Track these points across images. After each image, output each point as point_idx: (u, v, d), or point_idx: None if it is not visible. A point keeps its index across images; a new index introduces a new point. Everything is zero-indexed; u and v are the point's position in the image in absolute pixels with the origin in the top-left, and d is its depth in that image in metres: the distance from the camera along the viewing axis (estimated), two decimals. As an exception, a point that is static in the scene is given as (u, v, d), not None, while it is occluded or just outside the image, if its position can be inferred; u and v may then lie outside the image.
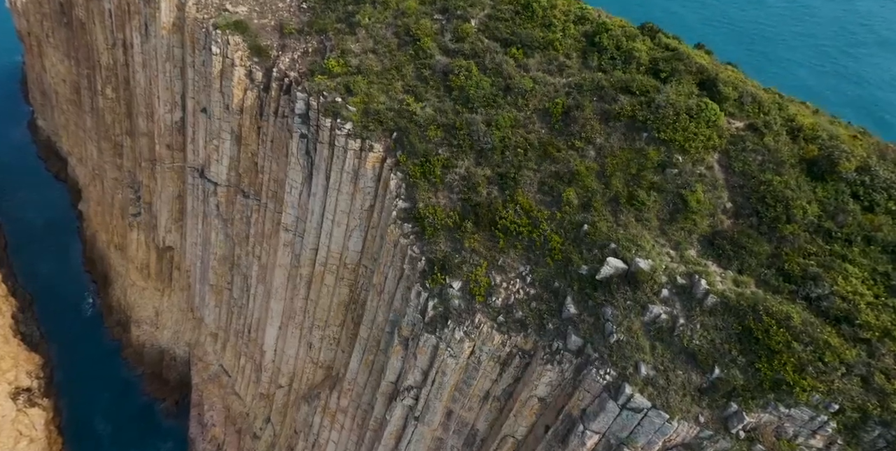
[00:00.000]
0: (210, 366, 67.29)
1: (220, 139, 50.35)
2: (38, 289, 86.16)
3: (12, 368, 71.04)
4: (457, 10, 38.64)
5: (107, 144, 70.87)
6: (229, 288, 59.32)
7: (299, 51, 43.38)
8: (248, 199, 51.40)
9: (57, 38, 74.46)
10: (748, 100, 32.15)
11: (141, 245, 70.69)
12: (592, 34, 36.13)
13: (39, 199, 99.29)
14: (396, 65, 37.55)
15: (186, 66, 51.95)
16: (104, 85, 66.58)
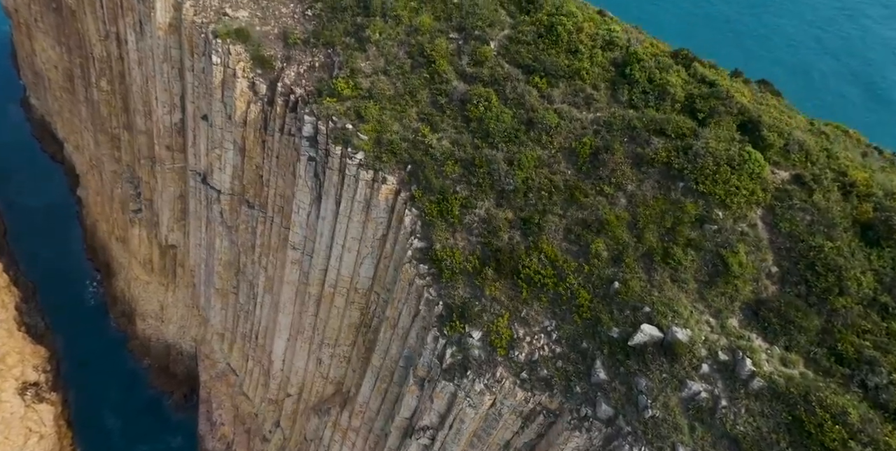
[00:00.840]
0: (217, 364, 66.97)
1: (223, 149, 48.47)
2: (41, 277, 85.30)
3: (18, 363, 70.74)
4: (474, 30, 36.18)
5: (104, 136, 68.72)
6: (235, 293, 58.37)
7: (305, 64, 41.07)
8: (254, 209, 49.88)
9: (46, 23, 71.29)
10: (794, 148, 30.09)
11: (143, 241, 69.39)
12: (622, 63, 33.80)
13: (37, 182, 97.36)
14: (410, 89, 35.43)
15: (185, 69, 49.58)
16: (98, 77, 64.04)
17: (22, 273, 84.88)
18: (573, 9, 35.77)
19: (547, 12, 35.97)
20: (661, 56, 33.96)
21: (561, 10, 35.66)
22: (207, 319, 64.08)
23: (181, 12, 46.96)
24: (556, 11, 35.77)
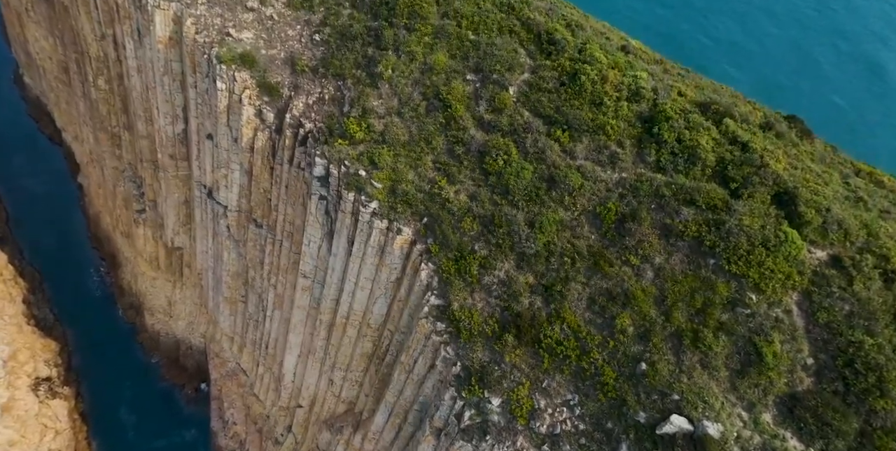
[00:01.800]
0: (227, 363, 67.59)
1: (229, 169, 47.37)
2: (46, 266, 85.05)
3: (30, 359, 71.42)
4: (492, 73, 34.54)
5: (103, 134, 67.17)
6: (244, 302, 58.29)
7: (314, 95, 39.55)
8: (262, 229, 49.18)
9: (38, 13, 68.56)
10: (833, 227, 28.93)
11: (148, 240, 68.85)
12: (649, 118, 32.31)
13: (36, 165, 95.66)
14: (425, 135, 34.17)
15: (187, 86, 47.86)
16: (96, 76, 62.03)
17: (27, 262, 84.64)
18: (596, 52, 34.00)
19: (569, 57, 34.23)
20: (690, 113, 32.26)
21: (584, 55, 33.93)
22: (216, 321, 64.27)
23: (181, 27, 45.04)
24: (579, 56, 34.04)
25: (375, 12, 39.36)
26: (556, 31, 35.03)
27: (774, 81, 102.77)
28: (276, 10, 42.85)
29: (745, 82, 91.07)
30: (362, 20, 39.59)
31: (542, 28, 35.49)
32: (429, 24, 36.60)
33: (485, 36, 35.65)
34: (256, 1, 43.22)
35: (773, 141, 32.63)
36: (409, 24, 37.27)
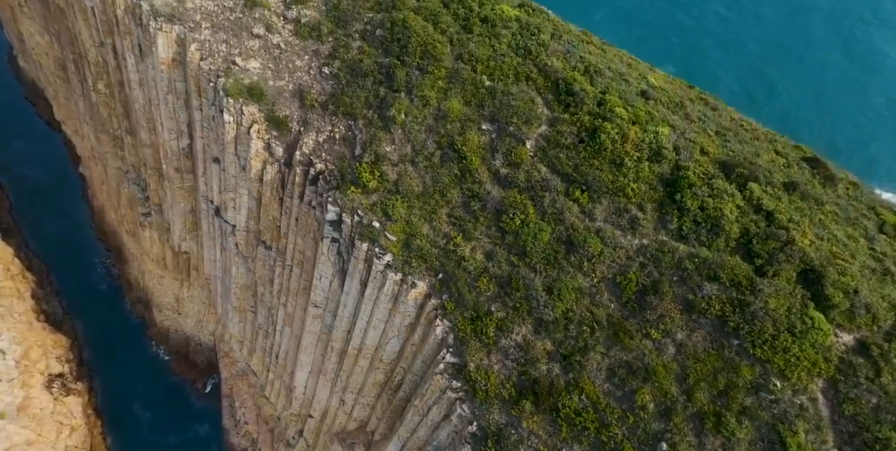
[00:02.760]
0: (237, 363, 68.53)
1: (237, 193, 46.88)
2: (52, 257, 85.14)
3: (42, 357, 72.36)
4: (509, 125, 33.65)
5: (105, 135, 66.06)
6: (253, 312, 58.63)
7: (325, 133, 38.69)
8: (271, 251, 49.01)
9: (32, 9, 66.31)
10: (860, 311, 28.66)
11: (154, 242, 68.70)
12: (671, 181, 31.50)
13: (35, 151, 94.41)
14: (440, 188, 33.58)
15: (192, 106, 46.74)
16: (95, 80, 60.51)
17: (34, 254, 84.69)
18: (616, 106, 33.01)
19: (588, 110, 33.24)
20: (713, 178, 31.35)
21: (604, 109, 32.96)
22: (226, 326, 64.79)
23: (185, 49, 43.72)
24: (599, 109, 33.05)
25: (386, 48, 38.10)
26: (575, 80, 33.96)
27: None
28: (283, 39, 41.48)
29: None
30: (373, 55, 38.35)
31: (560, 76, 34.41)
32: (442, 67, 35.47)
33: (501, 83, 34.59)
34: (262, 28, 41.78)
35: (798, 205, 31.93)
36: (422, 65, 36.13)
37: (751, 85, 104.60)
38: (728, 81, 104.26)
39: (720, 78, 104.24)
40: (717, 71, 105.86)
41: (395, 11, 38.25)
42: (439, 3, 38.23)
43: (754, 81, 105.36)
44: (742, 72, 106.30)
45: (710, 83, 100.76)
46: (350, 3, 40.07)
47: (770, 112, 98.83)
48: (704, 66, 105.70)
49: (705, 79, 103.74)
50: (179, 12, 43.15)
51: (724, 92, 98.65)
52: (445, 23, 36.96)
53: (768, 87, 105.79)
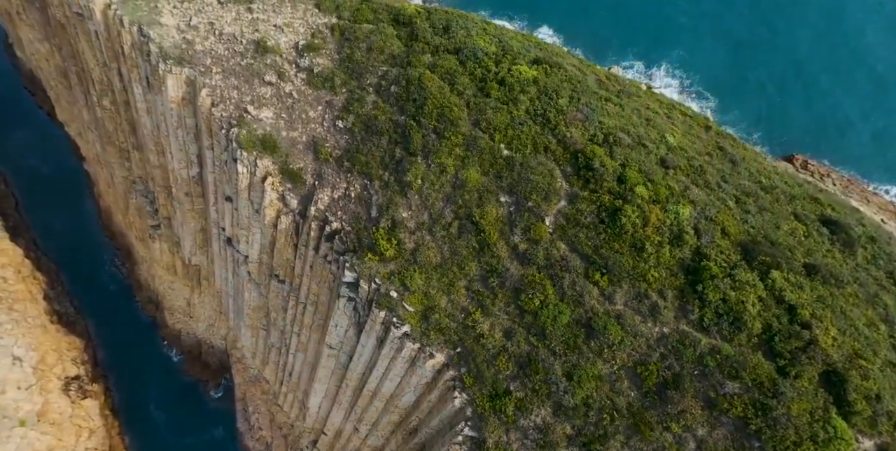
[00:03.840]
0: (250, 369, 69.92)
1: (250, 231, 46.94)
2: (61, 255, 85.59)
3: (58, 361, 73.83)
4: (527, 200, 33.43)
5: (111, 147, 65.48)
6: (266, 330, 59.46)
7: (340, 190, 38.52)
8: (284, 285, 49.37)
9: (31, 17, 64.57)
10: (882, 418, 29.07)
11: (164, 252, 69.05)
12: (692, 269, 31.40)
13: (38, 142, 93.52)
14: (458, 260, 33.74)
15: (203, 147, 46.28)
16: (100, 96, 59.64)
17: (42, 252, 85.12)
18: (637, 182, 32.74)
19: (608, 189, 32.98)
20: (735, 268, 31.22)
21: (623, 188, 32.69)
22: (238, 337, 65.83)
23: (195, 91, 43.05)
24: (619, 187, 32.77)
25: (402, 106, 37.51)
26: (594, 155, 33.60)
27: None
28: (295, 88, 40.74)
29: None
30: (388, 112, 37.80)
31: (579, 148, 34.01)
32: (459, 133, 35.02)
33: (519, 153, 34.24)
34: (274, 75, 40.99)
35: (820, 293, 31.91)
36: (439, 128, 35.67)
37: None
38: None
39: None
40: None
41: (411, 68, 37.48)
42: (455, 60, 37.43)
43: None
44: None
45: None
46: (364, 54, 39.21)
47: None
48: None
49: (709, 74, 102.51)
50: (188, 55, 42.27)
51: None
52: (462, 84, 36.29)
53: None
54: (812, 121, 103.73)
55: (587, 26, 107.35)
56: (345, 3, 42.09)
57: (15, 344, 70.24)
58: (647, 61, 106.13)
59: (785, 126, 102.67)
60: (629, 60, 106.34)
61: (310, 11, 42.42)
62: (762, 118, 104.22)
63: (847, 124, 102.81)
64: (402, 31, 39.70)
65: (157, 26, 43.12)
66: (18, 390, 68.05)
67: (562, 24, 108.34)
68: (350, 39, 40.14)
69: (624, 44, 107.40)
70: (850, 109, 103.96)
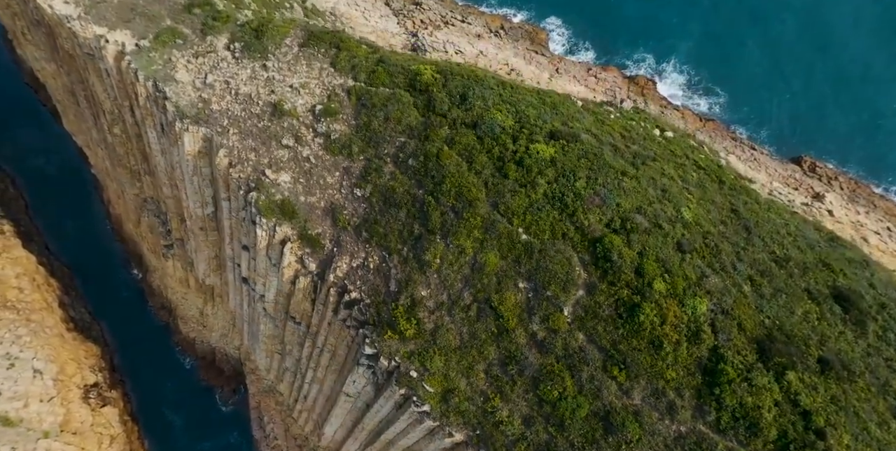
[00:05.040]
0: (264, 380, 71.93)
1: (267, 279, 47.73)
2: (73, 258, 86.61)
3: (77, 370, 75.91)
4: (546, 289, 34.14)
5: (122, 169, 65.64)
6: (281, 355, 60.95)
7: (358, 259, 39.20)
8: (300, 326, 50.49)
9: (36, 37, 63.63)
10: None
11: (178, 269, 70.03)
12: (709, 370, 32.27)
13: (42, 141, 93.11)
14: (477, 344, 34.72)
15: (220, 198, 46.59)
16: (111, 125, 59.50)
17: (55, 257, 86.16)
18: (654, 275, 33.39)
19: (626, 282, 33.63)
20: (752, 371, 32.04)
21: (642, 283, 33.37)
22: (252, 354, 67.42)
23: (212, 149, 43.26)
24: (637, 280, 33.42)
25: (420, 180, 37.83)
26: (612, 245, 34.16)
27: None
28: (312, 152, 40.89)
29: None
30: (406, 184, 38.14)
31: (597, 235, 34.54)
32: (478, 215, 35.48)
33: (537, 239, 34.79)
34: (292, 139, 41.07)
35: (834, 392, 32.81)
36: (457, 207, 36.12)
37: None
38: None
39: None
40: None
41: (429, 142, 37.62)
42: (473, 136, 37.52)
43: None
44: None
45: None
46: (381, 124, 39.24)
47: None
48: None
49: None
50: (205, 114, 42.27)
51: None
52: (480, 163, 36.53)
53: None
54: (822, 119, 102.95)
55: (596, 17, 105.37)
56: (360, 63, 41.78)
57: (35, 357, 72.09)
58: (656, 55, 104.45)
59: (794, 124, 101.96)
60: (639, 53, 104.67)
61: (325, 70, 42.16)
62: (772, 116, 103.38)
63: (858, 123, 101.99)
64: (419, 98, 39.60)
65: (173, 83, 42.93)
66: (41, 402, 70.25)
67: (570, 14, 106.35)
68: (367, 106, 40.07)
69: (633, 35, 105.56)
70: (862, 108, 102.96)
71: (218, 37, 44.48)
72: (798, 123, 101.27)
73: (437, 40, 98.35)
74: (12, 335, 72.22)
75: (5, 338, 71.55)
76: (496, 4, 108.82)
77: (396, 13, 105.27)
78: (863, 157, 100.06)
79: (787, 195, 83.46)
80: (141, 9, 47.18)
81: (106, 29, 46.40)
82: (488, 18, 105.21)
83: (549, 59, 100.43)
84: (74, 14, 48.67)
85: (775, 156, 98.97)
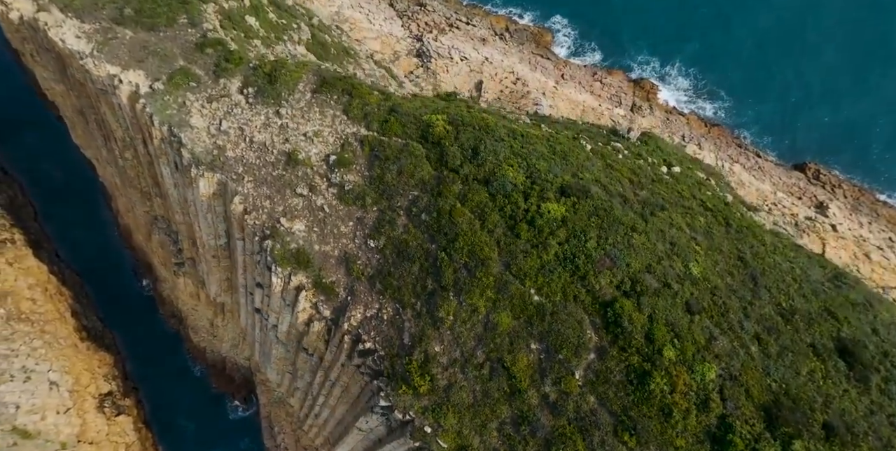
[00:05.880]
0: (274, 392, 73.56)
1: (281, 314, 48.78)
2: (83, 265, 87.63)
3: (91, 380, 77.60)
4: (558, 352, 35.12)
5: (133, 190, 66.28)
6: (292, 374, 62.35)
7: (372, 309, 40.18)
8: (312, 357, 51.70)
9: (45, 60, 63.62)
10: None
11: (188, 285, 71.08)
12: (718, 437, 33.29)
13: (49, 145, 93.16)
14: (490, 403, 35.82)
15: (234, 237, 47.38)
16: (122, 150, 59.98)
17: (66, 264, 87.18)
18: (664, 341, 34.34)
19: (636, 348, 34.62)
20: (760, 441, 33.01)
21: (651, 350, 34.32)
22: (263, 369, 68.84)
23: (226, 189, 43.92)
24: (647, 346, 34.34)
25: (432, 235, 38.61)
26: (623, 311, 35.09)
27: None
28: (326, 201, 41.57)
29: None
30: (419, 238, 38.93)
31: (608, 298, 35.44)
32: (490, 274, 36.35)
33: (549, 301, 35.68)
34: (306, 188, 41.72)
35: None
36: (469, 265, 36.96)
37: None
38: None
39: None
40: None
41: (441, 198, 38.30)
42: (486, 193, 38.16)
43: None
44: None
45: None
46: (394, 177, 39.86)
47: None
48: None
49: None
50: (220, 161, 42.86)
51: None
52: (492, 222, 37.26)
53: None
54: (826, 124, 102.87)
55: (600, 17, 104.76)
56: (373, 111, 42.20)
57: (50, 369, 73.64)
58: (661, 57, 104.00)
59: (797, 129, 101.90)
60: (644, 56, 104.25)
61: (338, 118, 42.61)
62: (776, 121, 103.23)
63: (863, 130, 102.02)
64: (432, 151, 40.13)
65: (188, 129, 43.41)
66: (58, 414, 72.03)
67: (575, 13, 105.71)
68: (380, 157, 40.64)
69: (638, 36, 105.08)
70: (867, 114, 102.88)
71: (231, 80, 44.80)
72: (803, 126, 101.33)
73: (443, 45, 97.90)
74: (28, 348, 73.66)
75: (21, 351, 73.00)
76: (501, 4, 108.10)
77: (401, 15, 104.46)
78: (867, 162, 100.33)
79: (792, 208, 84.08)
80: (153, 47, 47.41)
81: (119, 68, 46.69)
82: (493, 19, 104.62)
83: (555, 64, 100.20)
84: (87, 50, 48.95)
85: (780, 162, 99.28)
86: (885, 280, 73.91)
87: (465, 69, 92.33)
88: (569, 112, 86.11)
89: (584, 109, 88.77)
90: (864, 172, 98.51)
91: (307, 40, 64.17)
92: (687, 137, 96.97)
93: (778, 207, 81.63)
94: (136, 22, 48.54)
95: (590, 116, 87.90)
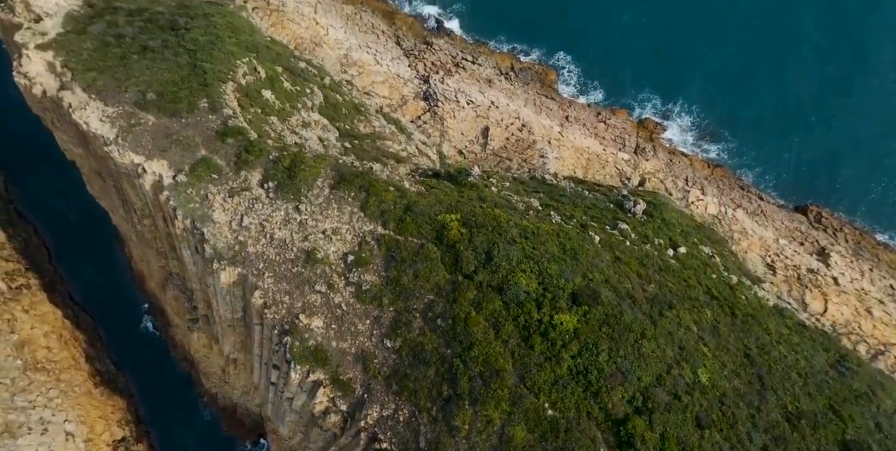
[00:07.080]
0: (285, 442, 75.09)
1: (297, 396, 50.16)
2: (95, 306, 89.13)
3: (105, 428, 79.18)
4: None
5: (149, 249, 67.68)
6: (304, 434, 63.80)
7: (388, 410, 41.61)
8: (326, 432, 53.11)
9: (66, 127, 64.95)
10: None
11: (202, 338, 72.53)
12: None
13: (61, 184, 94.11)
14: (509, 522, 37.23)
15: (251, 324, 48.80)
16: (140, 217, 61.33)
17: (80, 307, 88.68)
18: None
19: None
20: None
21: None
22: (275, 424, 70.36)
23: (246, 282, 45.29)
24: None
25: (448, 341, 40.01)
26: (635, 430, 36.53)
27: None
28: (344, 300, 42.96)
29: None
30: (434, 342, 40.32)
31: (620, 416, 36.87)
32: (505, 387, 37.76)
33: (563, 417, 37.06)
34: (324, 285, 43.10)
35: None
36: (484, 375, 38.36)
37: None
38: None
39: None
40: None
41: (456, 305, 39.68)
42: (500, 301, 39.54)
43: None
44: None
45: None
46: (410, 280, 41.23)
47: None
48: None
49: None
50: (241, 256, 44.23)
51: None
52: (507, 332, 38.66)
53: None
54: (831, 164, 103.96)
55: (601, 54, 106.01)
56: (389, 209, 43.55)
57: (66, 420, 75.25)
58: (663, 95, 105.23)
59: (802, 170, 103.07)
60: (646, 93, 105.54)
61: (356, 215, 43.97)
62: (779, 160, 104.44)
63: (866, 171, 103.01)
64: (447, 254, 41.50)
65: (210, 223, 44.77)
66: (73, 464, 73.67)
67: (576, 50, 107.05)
68: (396, 259, 42.01)
69: (641, 75, 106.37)
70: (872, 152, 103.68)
71: (252, 172, 46.14)
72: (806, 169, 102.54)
73: (449, 88, 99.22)
74: (44, 399, 75.25)
75: (38, 402, 74.60)
76: (505, 40, 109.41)
77: (408, 53, 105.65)
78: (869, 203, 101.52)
79: (794, 258, 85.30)
80: (176, 134, 48.73)
81: (143, 158, 48.03)
82: (498, 58, 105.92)
83: (559, 104, 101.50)
84: (111, 135, 50.27)
85: (782, 204, 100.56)
86: (885, 337, 75.29)
87: (471, 114, 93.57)
88: (574, 162, 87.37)
89: (589, 158, 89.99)
90: (867, 213, 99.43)
91: (320, 104, 65.55)
92: (690, 180, 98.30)
93: (780, 259, 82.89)
94: (159, 107, 49.85)
95: (595, 164, 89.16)
